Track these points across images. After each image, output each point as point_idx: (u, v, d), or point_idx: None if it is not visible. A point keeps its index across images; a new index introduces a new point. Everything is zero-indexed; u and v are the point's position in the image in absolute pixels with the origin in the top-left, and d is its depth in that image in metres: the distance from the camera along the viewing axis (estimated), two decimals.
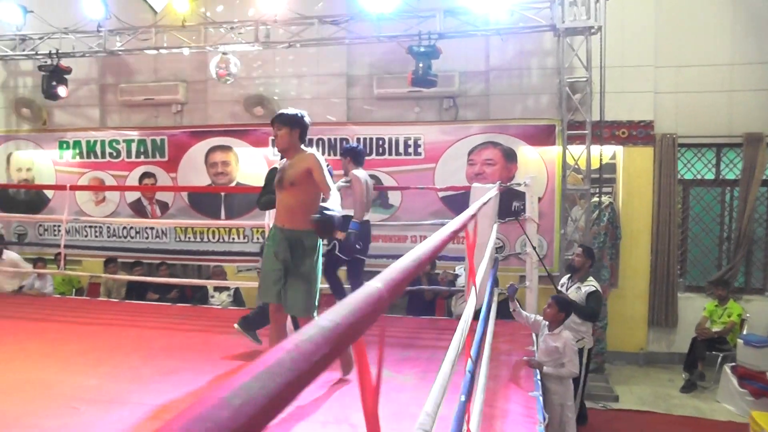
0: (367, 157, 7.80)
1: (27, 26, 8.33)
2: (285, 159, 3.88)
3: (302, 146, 3.84)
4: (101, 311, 6.24)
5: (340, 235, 5.00)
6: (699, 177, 7.98)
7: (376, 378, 0.93)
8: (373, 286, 0.90)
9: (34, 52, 8.33)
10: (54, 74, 8.01)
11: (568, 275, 5.70)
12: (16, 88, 9.51)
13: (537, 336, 4.93)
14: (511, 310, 4.99)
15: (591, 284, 5.41)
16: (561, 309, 4.64)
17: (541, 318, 4.80)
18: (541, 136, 7.46)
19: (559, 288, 5.50)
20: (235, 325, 4.67)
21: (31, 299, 6.93)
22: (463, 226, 2.16)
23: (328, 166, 3.85)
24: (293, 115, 3.83)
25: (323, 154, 7.93)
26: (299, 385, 0.58)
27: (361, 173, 5.22)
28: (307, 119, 3.86)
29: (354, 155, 5.36)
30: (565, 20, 6.51)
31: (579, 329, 5.21)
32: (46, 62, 8.07)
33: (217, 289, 7.70)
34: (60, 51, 8.05)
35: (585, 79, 6.78)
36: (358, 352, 0.87)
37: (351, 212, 5.05)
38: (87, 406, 3.70)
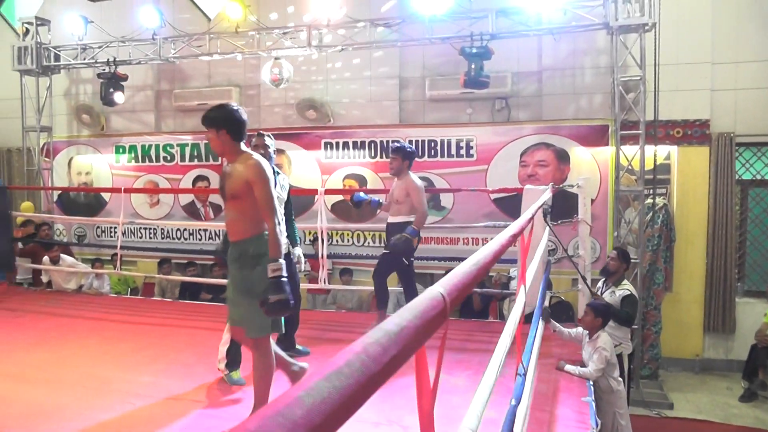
0: (419, 159, 7.87)
1: (87, 36, 8.68)
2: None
3: (242, 148, 3.24)
4: (155, 310, 6.41)
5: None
6: (758, 177, 7.68)
7: (434, 381, 0.93)
8: (436, 291, 0.90)
9: (93, 61, 8.65)
10: (112, 81, 8.31)
11: (603, 279, 5.56)
12: (77, 96, 9.88)
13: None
14: (552, 331, 4.87)
15: (625, 288, 5.28)
16: (597, 315, 4.50)
17: (581, 328, 4.69)
18: (594, 136, 7.32)
19: (594, 292, 5.37)
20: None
21: (90, 298, 7.18)
22: (522, 230, 2.14)
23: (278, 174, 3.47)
24: (215, 115, 3.24)
25: (375, 156, 7.99)
26: (370, 387, 0.59)
27: (418, 180, 5.16)
28: (238, 114, 3.23)
29: (410, 157, 5.14)
30: (619, 18, 6.37)
31: (614, 334, 5.04)
32: (104, 70, 8.37)
33: None
34: (117, 59, 8.35)
35: (639, 77, 6.61)
36: (418, 354, 0.87)
37: (410, 218, 5.01)
38: (142, 402, 3.82)
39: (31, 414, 3.66)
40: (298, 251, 4.61)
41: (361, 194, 5.30)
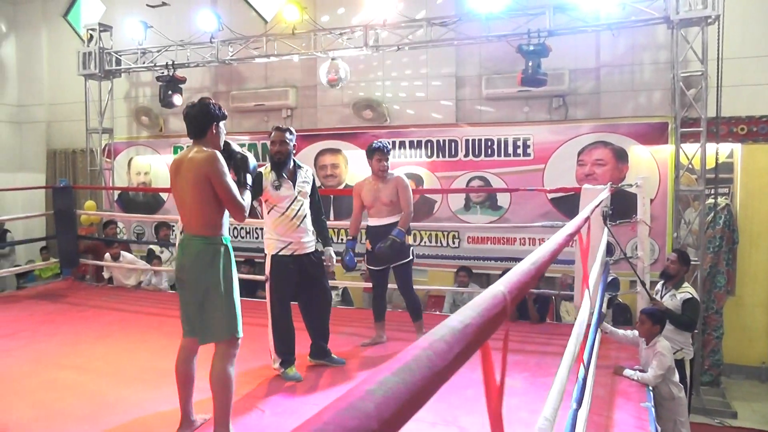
0: (475, 158, 7.86)
1: (147, 41, 8.95)
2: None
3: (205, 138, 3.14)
4: None
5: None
6: None
7: (500, 379, 0.93)
8: (497, 289, 0.90)
9: (152, 64, 8.92)
10: (170, 84, 8.55)
11: (662, 282, 5.37)
12: (136, 98, 10.22)
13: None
14: (603, 333, 4.72)
15: (686, 291, 5.09)
16: (655, 322, 4.35)
17: (636, 331, 4.55)
18: (653, 134, 7.12)
19: (653, 296, 5.20)
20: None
21: (149, 294, 7.40)
22: (578, 230, 2.10)
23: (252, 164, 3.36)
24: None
25: (431, 156, 7.98)
26: (436, 382, 0.59)
27: (406, 178, 5.05)
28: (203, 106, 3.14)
29: (388, 154, 4.91)
30: (680, 11, 6.17)
31: (675, 339, 4.88)
32: (163, 73, 8.63)
33: None
34: (176, 62, 8.58)
35: (700, 72, 6.39)
36: (484, 354, 0.87)
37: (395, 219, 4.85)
38: (199, 395, 3.89)
39: (96, 403, 3.81)
40: (330, 251, 4.51)
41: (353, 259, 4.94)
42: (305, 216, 4.27)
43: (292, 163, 4.25)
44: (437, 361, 0.60)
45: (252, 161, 3.36)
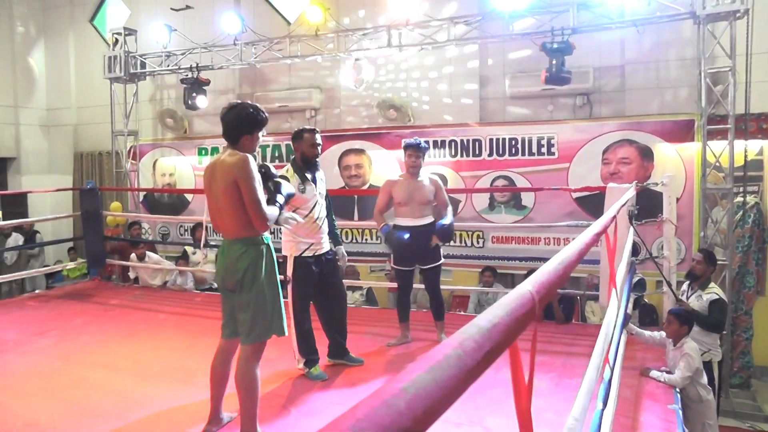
0: (499, 158, 7.82)
1: (171, 44, 9.06)
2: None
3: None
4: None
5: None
6: None
7: (529, 379, 0.93)
8: (525, 289, 0.89)
9: (177, 67, 9.03)
10: (194, 86, 8.65)
11: (688, 282, 5.27)
12: (161, 101, 10.34)
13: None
14: (629, 334, 4.67)
15: (713, 292, 4.99)
16: (682, 323, 4.27)
17: (663, 333, 4.48)
18: (679, 132, 7.02)
19: (679, 297, 5.11)
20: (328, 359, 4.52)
21: (174, 294, 7.48)
22: (605, 229, 2.08)
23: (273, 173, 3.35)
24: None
25: (455, 155, 7.97)
26: (466, 380, 0.59)
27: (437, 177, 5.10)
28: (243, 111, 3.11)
29: (420, 151, 4.84)
30: (707, 6, 6.08)
31: (703, 340, 4.78)
32: (187, 76, 8.72)
33: (350, 288, 7.88)
34: (200, 65, 8.67)
35: (728, 68, 6.28)
36: (513, 353, 0.87)
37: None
38: (228, 393, 3.95)
39: (124, 401, 3.87)
40: (342, 249, 4.51)
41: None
42: (325, 217, 4.30)
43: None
44: (467, 360, 0.60)
45: (287, 188, 3.37)
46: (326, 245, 4.30)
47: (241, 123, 3.07)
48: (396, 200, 4.87)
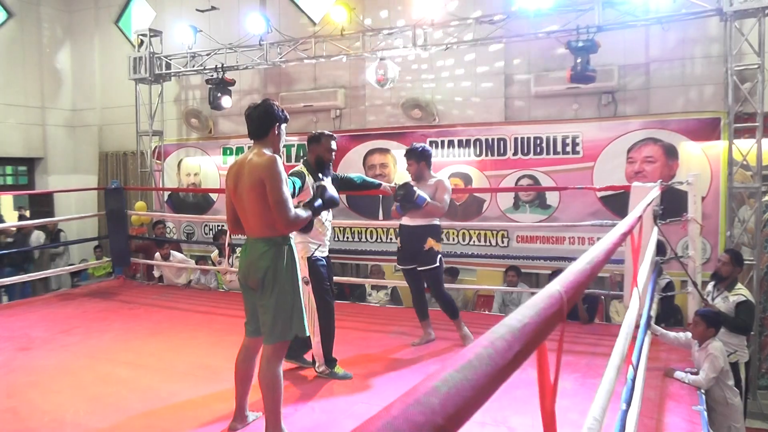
0: (524, 157, 7.80)
1: (196, 44, 9.15)
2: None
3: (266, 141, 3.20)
4: None
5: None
6: None
7: (554, 379, 0.93)
8: (554, 288, 0.89)
9: (202, 68, 9.11)
10: (219, 87, 8.71)
11: (713, 283, 5.19)
12: (186, 101, 10.45)
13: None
14: (654, 335, 4.61)
15: (740, 293, 4.90)
16: (710, 324, 4.19)
17: (689, 333, 4.42)
18: (705, 130, 6.92)
19: (704, 297, 5.03)
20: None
21: (198, 292, 7.57)
22: (631, 229, 2.06)
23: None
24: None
25: (480, 155, 7.96)
26: (498, 379, 0.59)
27: (448, 181, 4.96)
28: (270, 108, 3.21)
29: (425, 158, 4.89)
30: (734, 2, 5.98)
31: (729, 342, 4.71)
32: (212, 76, 8.79)
33: (374, 287, 7.91)
34: (225, 65, 8.74)
35: (756, 65, 6.18)
36: (540, 353, 0.86)
37: (432, 221, 4.85)
38: (252, 392, 3.98)
39: (149, 398, 3.92)
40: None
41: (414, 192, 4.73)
42: (331, 221, 4.44)
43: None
44: (498, 360, 0.60)
45: (331, 192, 3.40)
46: (327, 249, 4.37)
47: (269, 116, 3.16)
48: None
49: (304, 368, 4.40)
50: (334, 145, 4.32)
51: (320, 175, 4.21)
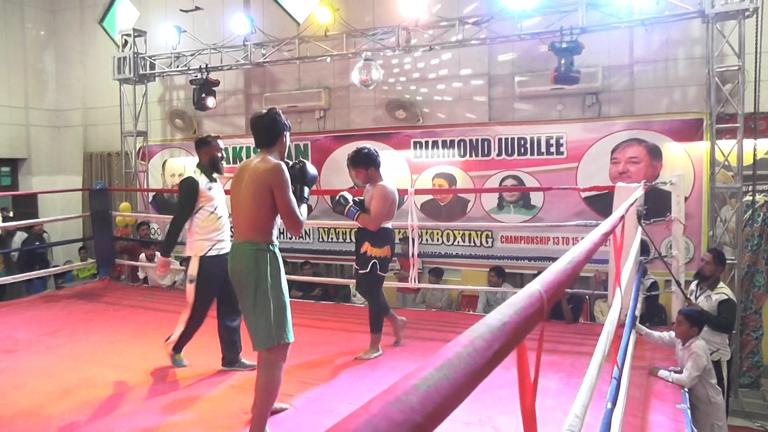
0: (508, 157, 7.81)
1: (181, 45, 9.10)
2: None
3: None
4: None
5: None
6: None
7: (534, 377, 0.94)
8: (534, 288, 0.91)
9: (186, 68, 9.08)
10: (204, 87, 8.68)
11: (696, 282, 5.25)
12: (170, 101, 10.39)
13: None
14: (638, 335, 4.65)
15: (722, 292, 4.97)
16: (693, 324, 4.24)
17: (673, 333, 4.47)
18: (688, 131, 7.00)
19: (688, 296, 5.09)
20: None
21: (183, 294, 7.48)
22: (613, 228, 2.09)
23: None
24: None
25: (464, 155, 7.98)
26: (477, 378, 0.60)
27: (390, 188, 4.65)
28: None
29: (374, 163, 4.67)
30: (715, 4, 6.06)
31: (712, 340, 4.76)
32: (196, 76, 8.76)
33: None
34: (209, 65, 8.71)
35: (737, 67, 6.26)
36: (520, 352, 0.88)
37: None
38: (238, 394, 3.98)
39: (134, 400, 3.90)
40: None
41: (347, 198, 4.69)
42: (227, 217, 4.55)
43: None
44: (477, 359, 0.61)
45: (310, 170, 3.42)
46: (228, 245, 4.28)
47: (276, 125, 3.23)
48: None
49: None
50: (221, 144, 4.57)
51: (213, 175, 4.48)
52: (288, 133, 3.33)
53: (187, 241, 4.47)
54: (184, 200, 4.37)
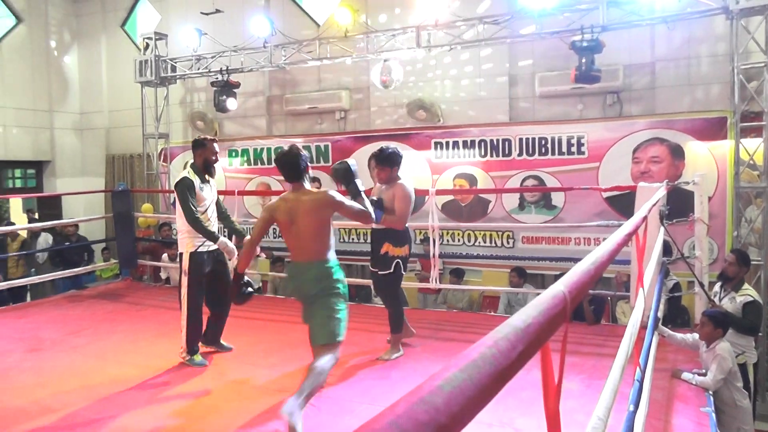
0: (529, 157, 7.78)
1: (201, 47, 9.18)
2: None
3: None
4: (269, 307, 6.65)
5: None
6: None
7: (558, 379, 0.93)
8: (558, 289, 0.90)
9: (207, 70, 9.15)
10: (224, 89, 8.75)
11: (720, 283, 5.14)
12: (191, 103, 10.49)
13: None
14: (661, 336, 4.59)
15: (747, 293, 4.85)
16: (717, 325, 4.16)
17: (696, 334, 4.40)
18: (711, 129, 6.90)
19: (711, 297, 5.01)
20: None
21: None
22: (636, 229, 2.07)
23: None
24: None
25: (485, 155, 7.97)
26: (501, 379, 0.60)
27: (409, 187, 4.67)
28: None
29: (398, 162, 4.69)
30: (740, 0, 5.96)
31: (737, 342, 4.67)
32: (217, 78, 8.83)
33: None
34: (230, 68, 8.77)
35: (763, 64, 6.16)
36: (543, 353, 0.87)
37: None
38: (258, 393, 4.01)
39: (157, 399, 3.94)
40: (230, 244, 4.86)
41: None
42: (216, 216, 4.87)
43: None
44: (501, 360, 0.61)
45: (353, 166, 3.90)
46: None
47: (300, 161, 3.62)
48: None
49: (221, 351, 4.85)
50: (217, 147, 4.77)
51: (206, 176, 4.71)
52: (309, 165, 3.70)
53: (178, 239, 4.74)
54: (184, 199, 4.53)
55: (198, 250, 4.58)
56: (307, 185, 3.64)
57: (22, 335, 5.55)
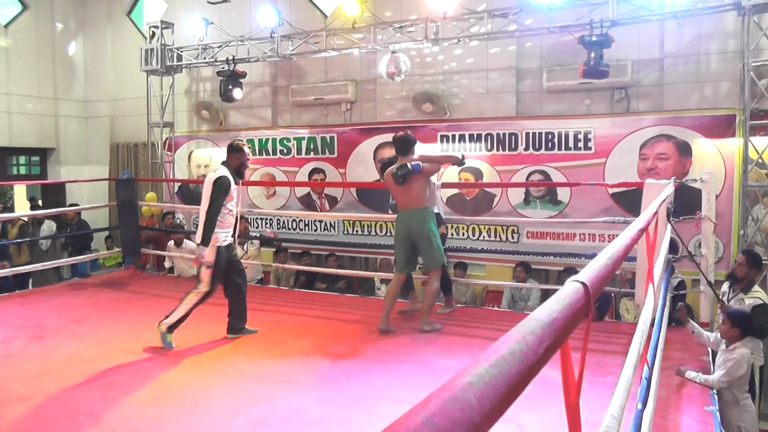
0: (535, 152, 7.75)
1: (208, 36, 9.14)
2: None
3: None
4: (272, 298, 6.65)
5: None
6: None
7: (579, 374, 0.91)
8: (579, 283, 0.88)
9: (213, 60, 9.11)
10: (230, 79, 8.70)
11: (729, 283, 5.08)
12: (197, 93, 10.45)
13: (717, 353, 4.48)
14: (691, 332, 4.58)
15: (756, 296, 4.78)
16: (734, 324, 4.12)
17: (719, 334, 4.37)
18: (720, 127, 6.85)
19: (720, 297, 4.96)
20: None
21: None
22: (648, 224, 2.04)
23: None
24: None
25: (491, 149, 7.94)
26: (529, 374, 0.58)
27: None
28: None
29: (414, 145, 5.42)
30: None
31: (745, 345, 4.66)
32: (223, 68, 8.78)
33: (383, 281, 7.88)
34: (236, 57, 8.73)
35: None
36: (563, 348, 0.85)
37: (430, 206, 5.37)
38: (260, 384, 4.00)
39: (159, 388, 3.94)
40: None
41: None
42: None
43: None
44: (530, 355, 0.59)
45: (413, 169, 5.11)
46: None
47: (410, 141, 5.25)
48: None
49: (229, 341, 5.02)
50: (248, 151, 5.19)
51: (236, 178, 5.07)
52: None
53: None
54: (217, 197, 4.83)
55: (223, 245, 4.92)
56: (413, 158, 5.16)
57: (25, 323, 5.55)
